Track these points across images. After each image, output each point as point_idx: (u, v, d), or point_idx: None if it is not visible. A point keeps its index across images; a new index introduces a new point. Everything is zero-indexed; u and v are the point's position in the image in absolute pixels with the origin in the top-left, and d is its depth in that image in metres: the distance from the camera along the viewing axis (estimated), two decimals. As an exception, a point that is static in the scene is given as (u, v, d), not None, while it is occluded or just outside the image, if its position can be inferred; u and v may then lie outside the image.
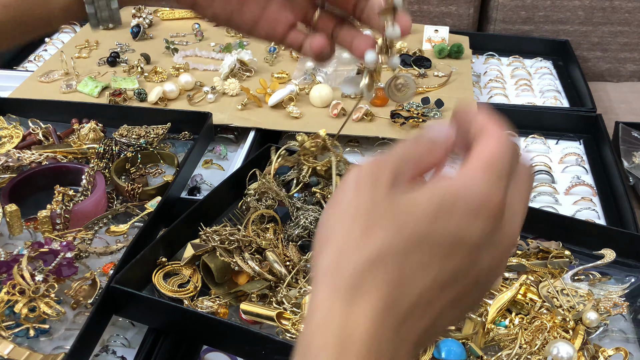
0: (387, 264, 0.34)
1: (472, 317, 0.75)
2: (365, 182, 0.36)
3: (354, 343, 0.33)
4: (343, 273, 0.34)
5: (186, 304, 0.76)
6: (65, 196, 0.90)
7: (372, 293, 0.34)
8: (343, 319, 0.33)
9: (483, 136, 0.39)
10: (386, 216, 0.35)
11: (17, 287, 0.74)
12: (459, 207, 0.34)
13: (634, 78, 1.53)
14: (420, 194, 0.35)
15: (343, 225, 0.35)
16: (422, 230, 0.34)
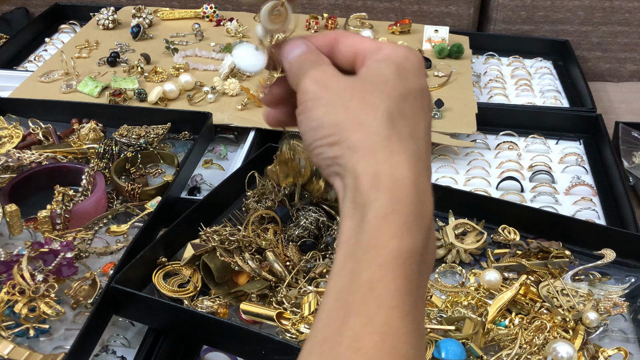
0: (396, 121, 0.41)
1: (472, 317, 0.75)
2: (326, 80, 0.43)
3: (403, 187, 0.39)
4: (373, 137, 0.40)
5: (186, 304, 0.76)
6: (65, 196, 0.90)
7: (401, 145, 0.41)
8: (389, 166, 0.40)
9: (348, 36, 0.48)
10: (367, 88, 0.42)
11: (17, 287, 0.74)
12: (410, 68, 0.44)
13: (634, 78, 1.53)
14: (376, 67, 0.44)
15: (342, 110, 0.42)
16: (400, 90, 0.43)
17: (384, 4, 1.53)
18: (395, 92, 0.43)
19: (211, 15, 1.46)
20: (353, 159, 0.40)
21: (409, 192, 0.39)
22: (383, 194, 0.39)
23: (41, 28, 1.49)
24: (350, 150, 0.41)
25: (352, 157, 0.40)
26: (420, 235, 0.39)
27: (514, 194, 1.01)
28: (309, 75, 0.44)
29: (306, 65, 0.46)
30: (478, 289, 0.80)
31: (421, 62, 0.45)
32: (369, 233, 0.38)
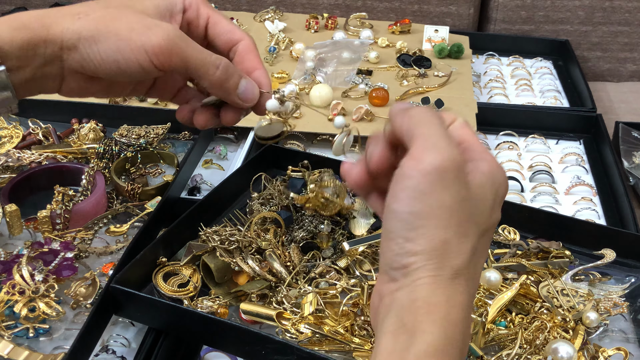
0: (474, 260, 0.40)
1: (472, 317, 0.75)
2: (450, 176, 0.39)
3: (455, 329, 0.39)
4: (450, 267, 0.39)
5: (186, 304, 0.76)
6: (65, 196, 0.90)
7: (465, 285, 0.40)
8: (447, 306, 0.39)
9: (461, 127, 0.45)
10: (470, 212, 0.40)
11: (17, 287, 0.74)
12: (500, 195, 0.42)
13: (634, 78, 1.53)
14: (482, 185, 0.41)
15: (442, 223, 0.39)
16: (487, 224, 0.41)
17: (384, 3, 1.53)
18: (484, 227, 0.41)
19: (211, 15, 1.46)
20: (421, 280, 0.39)
21: (459, 336, 0.39)
22: (437, 330, 0.38)
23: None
24: (422, 268, 0.39)
25: (421, 276, 0.39)
26: None
27: (514, 194, 1.01)
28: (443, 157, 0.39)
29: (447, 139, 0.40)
30: (478, 289, 0.80)
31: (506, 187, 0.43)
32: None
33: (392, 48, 1.36)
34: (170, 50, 0.51)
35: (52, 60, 0.51)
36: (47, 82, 0.53)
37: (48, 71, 0.52)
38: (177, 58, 0.51)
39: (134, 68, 0.51)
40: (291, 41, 1.35)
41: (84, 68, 0.52)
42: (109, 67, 0.51)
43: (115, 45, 0.50)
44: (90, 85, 0.54)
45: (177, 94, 0.61)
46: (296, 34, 1.39)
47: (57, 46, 0.51)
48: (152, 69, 0.51)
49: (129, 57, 0.50)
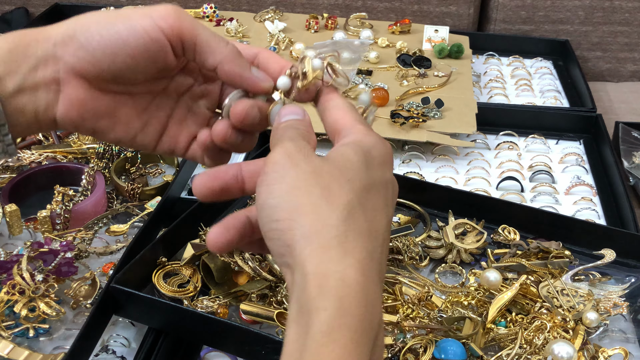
0: (357, 214, 0.39)
1: (472, 317, 0.75)
2: (297, 156, 0.41)
3: (354, 289, 0.36)
4: (329, 230, 0.38)
5: (186, 304, 0.76)
6: (65, 196, 0.90)
7: (357, 242, 0.38)
8: (341, 267, 0.36)
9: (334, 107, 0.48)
10: (335, 175, 0.40)
11: (17, 287, 0.74)
12: (376, 157, 0.43)
13: (634, 78, 1.53)
14: (344, 152, 0.42)
15: (304, 193, 0.39)
16: (365, 180, 0.41)
17: (384, 4, 1.53)
18: (359, 183, 0.40)
19: (211, 15, 1.46)
20: (305, 252, 0.37)
21: (358, 301, 0.36)
22: (331, 303, 0.35)
23: (41, 28, 1.49)
24: (303, 240, 0.37)
25: (304, 249, 0.37)
26: (365, 351, 0.35)
27: (514, 194, 1.01)
28: (284, 146, 0.42)
29: (288, 134, 0.44)
30: (478, 289, 0.80)
31: (390, 153, 0.44)
32: (313, 354, 0.34)
33: (392, 48, 1.36)
34: (179, 16, 0.47)
35: (46, 61, 0.46)
36: (39, 94, 0.46)
37: (40, 77, 0.46)
38: (186, 24, 0.47)
39: (139, 38, 0.45)
40: (291, 41, 1.35)
41: (80, 59, 0.46)
42: (110, 41, 0.45)
43: (116, 21, 0.46)
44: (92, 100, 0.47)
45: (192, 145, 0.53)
46: (296, 34, 1.39)
47: (50, 43, 0.46)
48: (160, 37, 0.46)
49: (133, 25, 0.46)
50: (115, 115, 0.49)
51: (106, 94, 0.48)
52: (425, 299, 0.78)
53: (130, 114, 0.50)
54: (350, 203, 0.39)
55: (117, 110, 0.49)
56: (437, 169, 1.06)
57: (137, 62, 0.47)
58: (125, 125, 0.50)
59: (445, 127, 1.10)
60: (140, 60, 0.47)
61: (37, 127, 0.48)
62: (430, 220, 0.92)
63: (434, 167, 1.07)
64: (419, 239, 0.87)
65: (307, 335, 0.35)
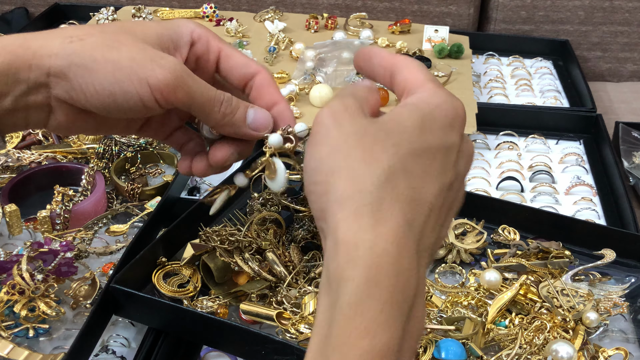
0: (398, 180, 0.36)
1: (472, 317, 0.75)
2: (343, 116, 0.39)
3: (385, 260, 0.34)
4: (363, 196, 0.36)
5: (186, 304, 0.76)
6: (65, 196, 0.90)
7: (394, 209, 0.36)
8: (371, 236, 0.35)
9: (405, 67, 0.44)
10: (380, 137, 0.38)
11: (17, 287, 0.74)
12: (438, 119, 0.39)
13: (634, 78, 1.53)
14: (399, 113, 0.40)
15: (343, 156, 0.37)
16: (416, 144, 0.38)
17: (384, 3, 1.53)
18: (408, 147, 0.38)
19: (211, 15, 1.46)
20: (337, 217, 0.36)
21: (388, 272, 0.34)
22: (359, 273, 0.34)
23: (41, 28, 1.48)
24: (336, 205, 0.36)
25: (336, 214, 0.36)
26: (397, 325, 0.34)
27: (514, 194, 1.01)
28: (331, 104, 0.40)
29: (341, 92, 0.42)
30: (478, 289, 0.80)
31: (460, 115, 0.40)
32: (340, 326, 0.33)
33: (392, 48, 1.36)
34: (176, 86, 0.45)
35: (37, 88, 0.45)
36: (31, 114, 0.46)
37: (32, 100, 0.45)
38: (182, 94, 0.46)
39: (132, 103, 0.45)
40: (291, 41, 1.35)
41: (73, 99, 0.46)
42: (104, 100, 0.45)
43: (112, 76, 0.44)
44: (80, 120, 0.48)
45: (172, 135, 0.55)
46: (296, 34, 1.39)
47: (43, 72, 0.44)
48: (153, 106, 0.46)
49: (128, 91, 0.45)
50: (102, 127, 0.51)
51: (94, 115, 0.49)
52: (425, 299, 0.78)
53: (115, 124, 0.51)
54: (391, 168, 0.37)
55: (103, 124, 0.50)
56: (437, 169, 1.06)
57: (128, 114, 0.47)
58: (109, 129, 0.52)
59: (445, 127, 1.10)
60: (132, 113, 0.47)
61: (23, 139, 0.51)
62: (430, 220, 0.91)
63: (434, 167, 1.07)
64: (419, 239, 0.87)
65: (335, 306, 0.34)
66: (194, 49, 0.51)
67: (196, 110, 0.48)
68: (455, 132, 0.40)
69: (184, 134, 0.56)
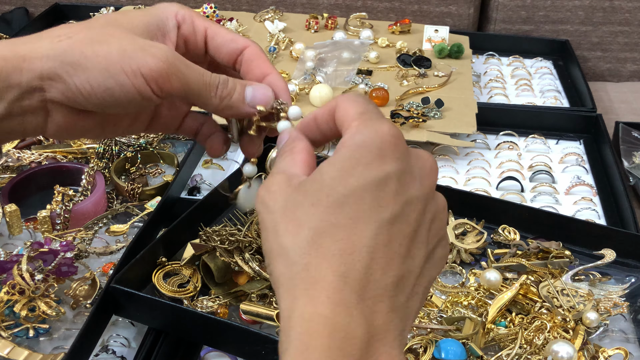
0: (322, 239, 0.35)
1: (472, 317, 0.75)
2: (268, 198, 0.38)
3: (312, 329, 0.33)
4: (291, 269, 0.35)
5: (186, 304, 0.76)
6: (65, 196, 0.90)
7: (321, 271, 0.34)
8: (299, 313, 0.34)
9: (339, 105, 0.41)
10: (299, 201, 0.36)
11: (17, 287, 0.74)
12: (361, 157, 0.36)
13: (634, 78, 1.53)
14: (320, 168, 0.37)
15: (273, 236, 0.37)
16: (336, 195, 0.35)
17: (384, 3, 1.53)
18: (327, 201, 0.36)
19: (211, 15, 1.46)
20: (278, 297, 0.36)
21: (321, 333, 0.33)
22: (292, 343, 0.33)
23: (41, 28, 1.47)
24: (276, 285, 0.36)
25: (278, 295, 0.36)
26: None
27: (514, 194, 1.01)
28: (259, 193, 0.39)
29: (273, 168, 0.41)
30: (478, 289, 0.80)
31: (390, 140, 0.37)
32: None
33: (392, 48, 1.36)
34: (170, 73, 0.44)
35: (31, 92, 0.44)
36: (27, 119, 0.45)
37: (27, 105, 0.44)
38: (177, 82, 0.45)
39: (130, 95, 0.44)
40: (291, 41, 1.35)
41: (70, 99, 0.44)
42: (101, 96, 0.44)
43: (106, 70, 0.43)
44: (81, 121, 0.47)
45: (183, 123, 0.54)
46: (296, 34, 1.39)
47: (35, 75, 0.43)
48: (150, 96, 0.45)
49: (123, 83, 0.44)
50: (105, 126, 0.49)
51: (94, 115, 0.47)
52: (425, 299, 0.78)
53: (119, 120, 0.49)
54: (312, 230, 0.35)
55: (105, 122, 0.48)
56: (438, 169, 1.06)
57: (128, 108, 0.46)
58: (114, 128, 0.50)
59: (445, 127, 1.10)
60: (132, 107, 0.46)
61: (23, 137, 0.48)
62: (430, 220, 0.91)
63: (434, 167, 1.07)
64: (419, 239, 0.87)
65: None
66: (181, 32, 0.50)
67: (193, 97, 0.47)
68: (388, 160, 0.36)
69: (194, 120, 0.55)
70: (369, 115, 0.39)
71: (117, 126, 0.50)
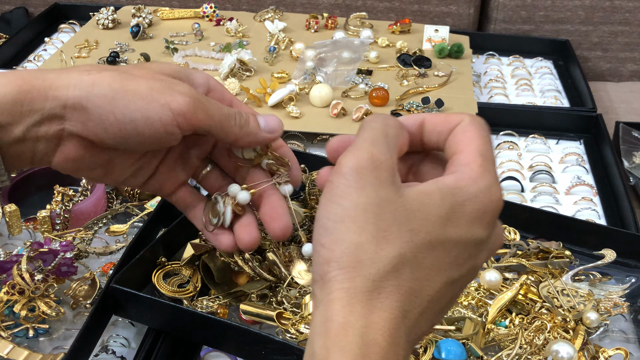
0: (404, 270, 0.35)
1: (472, 317, 0.74)
2: (368, 176, 0.36)
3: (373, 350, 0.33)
4: (363, 282, 0.34)
5: (186, 304, 0.76)
6: (64, 196, 0.90)
7: (391, 299, 0.34)
8: (363, 323, 0.33)
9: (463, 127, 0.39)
10: (399, 218, 0.35)
11: (17, 287, 0.74)
12: (468, 212, 0.36)
13: (634, 78, 1.53)
14: (429, 194, 0.36)
15: (356, 228, 0.35)
16: (435, 235, 0.35)
17: (384, 3, 1.53)
18: (425, 237, 0.35)
19: (211, 15, 1.46)
20: (332, 294, 0.34)
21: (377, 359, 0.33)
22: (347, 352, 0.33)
23: (41, 28, 1.49)
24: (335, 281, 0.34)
25: (332, 290, 0.34)
26: None
27: (514, 194, 1.00)
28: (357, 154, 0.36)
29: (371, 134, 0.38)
30: (478, 289, 0.80)
31: (492, 209, 0.38)
32: None
33: (392, 48, 1.36)
34: (197, 108, 0.45)
35: (51, 119, 0.44)
36: (39, 145, 0.45)
37: (44, 132, 0.44)
38: (203, 115, 0.46)
39: (154, 129, 0.44)
40: (291, 41, 1.35)
41: (88, 130, 0.44)
42: (124, 128, 0.44)
43: (134, 103, 0.44)
44: (89, 156, 0.47)
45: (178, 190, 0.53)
46: (296, 34, 1.39)
47: (59, 103, 0.43)
48: (174, 130, 0.45)
49: (149, 116, 0.44)
50: (110, 166, 0.49)
51: (105, 151, 0.47)
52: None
53: (125, 164, 0.49)
54: (401, 256, 0.35)
55: (112, 162, 0.49)
56: (437, 169, 1.06)
57: (145, 144, 0.46)
58: (118, 173, 0.50)
59: (446, 127, 1.10)
60: (149, 143, 0.46)
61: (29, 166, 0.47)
62: (430, 220, 0.91)
63: (434, 167, 1.07)
64: (419, 239, 0.87)
65: None
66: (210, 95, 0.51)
67: (216, 129, 0.48)
68: (483, 226, 0.37)
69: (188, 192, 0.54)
70: (489, 164, 0.39)
71: (120, 173, 0.50)
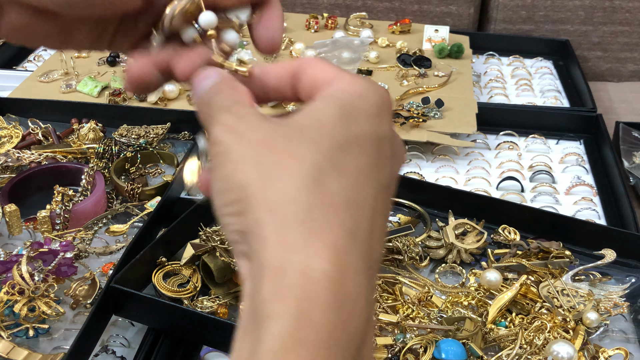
0: (328, 179, 0.29)
1: (472, 317, 0.74)
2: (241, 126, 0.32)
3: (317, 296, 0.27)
4: (286, 206, 0.28)
5: (186, 304, 0.76)
6: (64, 196, 0.90)
7: (329, 219, 0.28)
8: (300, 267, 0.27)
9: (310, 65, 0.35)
10: (293, 136, 0.31)
11: (17, 287, 0.74)
12: (362, 108, 0.32)
13: (634, 78, 1.53)
14: (312, 108, 0.32)
15: (253, 166, 0.30)
16: (340, 137, 0.31)
17: (384, 3, 1.53)
18: (331, 141, 0.30)
19: (211, 15, 1.46)
20: (259, 238, 0.28)
21: (327, 304, 0.26)
22: (287, 308, 0.26)
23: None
24: (257, 224, 0.29)
25: (258, 234, 0.28)
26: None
27: (514, 194, 1.00)
28: (220, 120, 0.32)
29: (218, 104, 0.34)
30: (478, 289, 0.80)
31: (386, 102, 0.33)
32: None
33: (392, 48, 1.36)
34: None
35: None
36: None
37: None
38: None
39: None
40: (291, 41, 1.35)
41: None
42: None
43: None
44: (37, 23, 0.40)
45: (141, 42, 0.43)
46: (296, 34, 1.39)
47: None
48: None
49: None
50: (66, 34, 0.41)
51: (54, 18, 0.39)
52: (426, 299, 0.78)
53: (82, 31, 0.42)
54: (316, 165, 0.29)
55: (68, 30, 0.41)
56: (437, 169, 1.06)
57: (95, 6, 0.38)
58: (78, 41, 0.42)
59: (446, 127, 1.10)
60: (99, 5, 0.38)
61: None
62: (430, 220, 0.92)
63: (434, 167, 1.07)
64: (419, 239, 0.87)
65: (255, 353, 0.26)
66: None
67: None
68: (385, 122, 0.32)
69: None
70: (356, 74, 0.34)
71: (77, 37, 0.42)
